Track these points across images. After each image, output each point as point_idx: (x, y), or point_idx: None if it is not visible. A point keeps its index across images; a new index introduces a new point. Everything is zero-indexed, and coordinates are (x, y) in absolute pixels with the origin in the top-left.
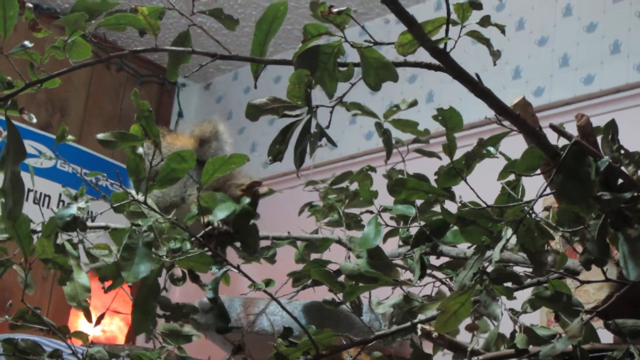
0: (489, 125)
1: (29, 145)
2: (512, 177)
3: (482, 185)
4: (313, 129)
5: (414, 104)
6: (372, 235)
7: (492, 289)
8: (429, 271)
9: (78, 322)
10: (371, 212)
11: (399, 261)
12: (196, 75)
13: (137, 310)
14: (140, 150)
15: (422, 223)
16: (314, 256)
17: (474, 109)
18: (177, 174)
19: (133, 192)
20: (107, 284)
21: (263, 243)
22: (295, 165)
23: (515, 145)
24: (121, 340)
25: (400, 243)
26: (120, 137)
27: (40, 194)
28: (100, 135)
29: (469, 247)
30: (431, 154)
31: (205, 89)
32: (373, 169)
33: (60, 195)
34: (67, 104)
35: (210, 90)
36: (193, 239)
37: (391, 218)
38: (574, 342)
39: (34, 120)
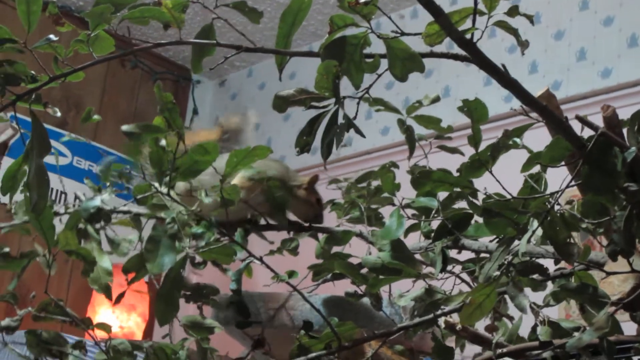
0: (504, 120)
1: None
2: (535, 169)
3: (504, 178)
4: (340, 121)
5: (436, 100)
6: (394, 226)
7: (518, 281)
8: (450, 267)
9: (95, 317)
10: (393, 205)
11: (419, 257)
12: (211, 72)
13: (160, 300)
14: (163, 142)
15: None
16: (334, 250)
17: (489, 104)
18: (200, 165)
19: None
20: (130, 276)
21: (284, 235)
22: (322, 157)
23: (537, 138)
24: (139, 336)
25: (422, 238)
26: (144, 128)
27: (57, 191)
28: (124, 127)
29: (490, 241)
30: (454, 150)
31: (220, 86)
32: (395, 165)
33: (75, 194)
34: (82, 101)
35: (225, 87)
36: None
37: (413, 215)
38: (600, 333)
39: (58, 114)
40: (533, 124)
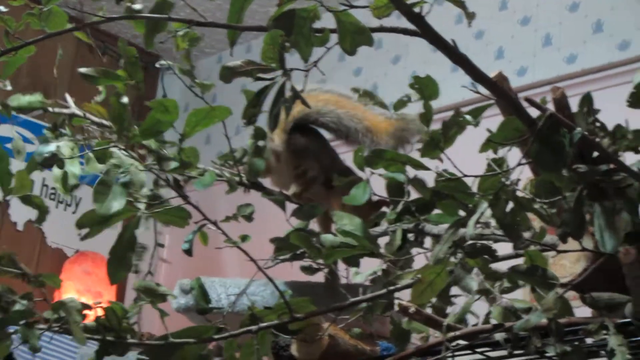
0: (472, 105)
1: (18, 133)
2: (499, 153)
3: (474, 165)
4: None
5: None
6: (360, 194)
7: (466, 263)
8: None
9: (62, 295)
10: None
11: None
12: (180, 59)
13: (113, 260)
14: (124, 99)
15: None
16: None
17: (455, 90)
18: (162, 126)
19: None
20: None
21: (244, 200)
22: (269, 129)
23: None
24: None
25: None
26: (103, 73)
27: None
28: (82, 70)
29: None
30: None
31: (192, 81)
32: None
33: (43, 179)
34: (51, 89)
35: (195, 74)
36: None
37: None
38: (548, 315)
39: (9, 87)
40: (490, 105)
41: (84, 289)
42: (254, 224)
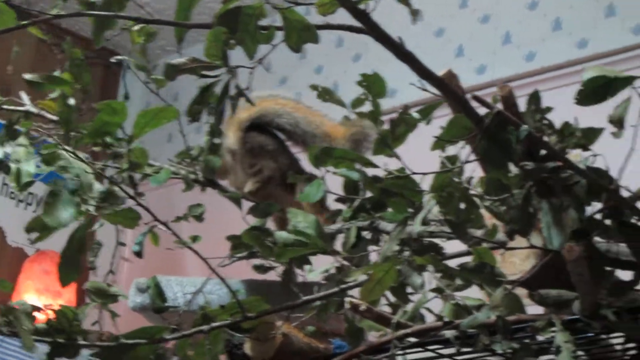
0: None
1: None
2: (453, 151)
3: (433, 164)
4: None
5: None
6: (314, 191)
7: (413, 260)
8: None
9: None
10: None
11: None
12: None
13: (64, 262)
14: (71, 101)
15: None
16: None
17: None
18: (109, 127)
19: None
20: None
21: (182, 204)
22: (214, 126)
23: None
24: None
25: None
26: (48, 79)
27: None
28: (27, 76)
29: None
30: None
31: (148, 77)
32: None
33: (3, 178)
34: (12, 88)
35: (157, 72)
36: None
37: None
38: (496, 312)
39: None
40: (440, 104)
41: (43, 288)
42: (216, 222)
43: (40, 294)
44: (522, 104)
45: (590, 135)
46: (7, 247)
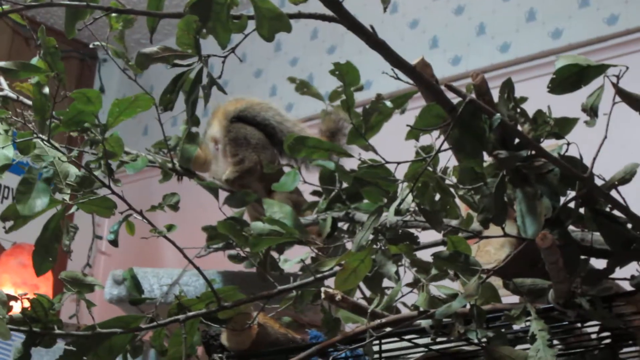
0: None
1: None
2: (426, 140)
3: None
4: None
5: (360, 89)
6: (289, 181)
7: (387, 249)
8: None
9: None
10: (291, 167)
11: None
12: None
13: (38, 251)
14: (46, 89)
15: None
16: None
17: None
18: (84, 116)
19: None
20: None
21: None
22: (187, 115)
23: None
24: None
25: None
26: (22, 66)
27: None
28: (1, 63)
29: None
30: None
31: (126, 64)
32: None
33: None
34: None
35: (131, 65)
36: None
37: (312, 193)
38: (470, 301)
39: None
40: (414, 92)
41: (21, 281)
42: (194, 213)
43: (17, 287)
44: (497, 95)
45: (564, 125)
46: None
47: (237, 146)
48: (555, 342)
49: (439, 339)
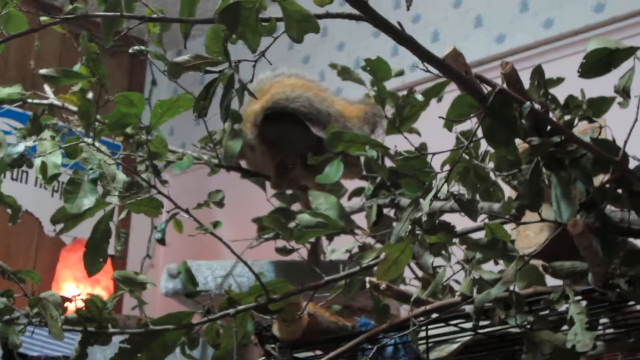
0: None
1: (4, 123)
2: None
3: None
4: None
5: (400, 73)
6: (333, 172)
7: (425, 240)
8: None
9: (60, 292)
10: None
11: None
12: (167, 43)
13: (89, 251)
14: (90, 94)
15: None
16: None
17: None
18: (128, 119)
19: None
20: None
21: (216, 186)
22: (221, 120)
23: None
24: None
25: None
26: (64, 73)
27: (19, 171)
28: (43, 71)
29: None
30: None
31: (177, 56)
32: None
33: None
34: (40, 80)
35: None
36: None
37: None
38: (508, 286)
39: None
40: (447, 83)
41: (81, 276)
42: (249, 201)
43: (78, 282)
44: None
45: (599, 106)
46: (45, 237)
47: (273, 148)
48: (604, 320)
49: (485, 323)
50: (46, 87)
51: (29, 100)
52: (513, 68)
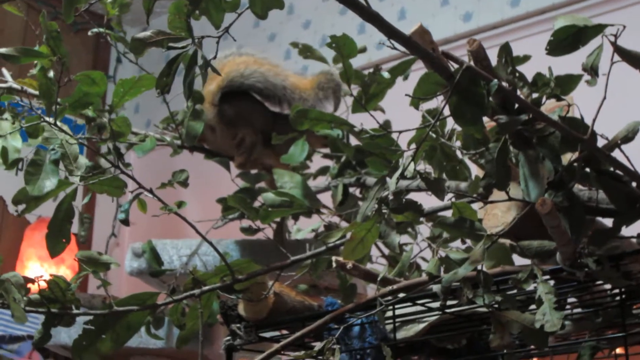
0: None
1: None
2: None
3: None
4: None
5: (363, 50)
6: (298, 152)
7: (391, 219)
8: None
9: (24, 271)
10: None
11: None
12: (132, 20)
13: (52, 232)
14: (51, 73)
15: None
16: None
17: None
18: (89, 98)
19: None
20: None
21: (181, 166)
22: (184, 97)
23: None
24: None
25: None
26: (24, 52)
27: None
28: (2, 50)
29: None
30: None
31: (126, 47)
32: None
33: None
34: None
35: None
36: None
37: (324, 155)
38: (475, 266)
39: None
40: (414, 61)
41: (46, 255)
42: (214, 181)
43: (42, 260)
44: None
45: (566, 84)
46: (9, 216)
47: (232, 127)
48: (572, 299)
49: (452, 302)
50: (4, 70)
51: None
52: (480, 45)
